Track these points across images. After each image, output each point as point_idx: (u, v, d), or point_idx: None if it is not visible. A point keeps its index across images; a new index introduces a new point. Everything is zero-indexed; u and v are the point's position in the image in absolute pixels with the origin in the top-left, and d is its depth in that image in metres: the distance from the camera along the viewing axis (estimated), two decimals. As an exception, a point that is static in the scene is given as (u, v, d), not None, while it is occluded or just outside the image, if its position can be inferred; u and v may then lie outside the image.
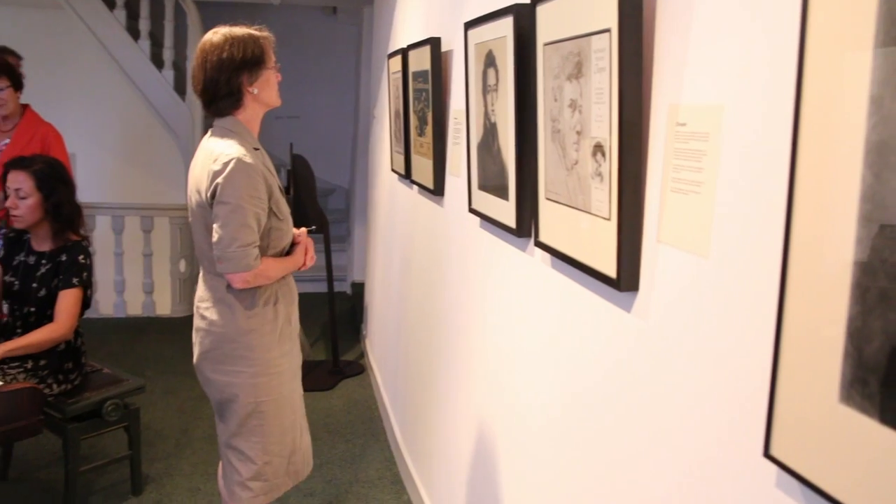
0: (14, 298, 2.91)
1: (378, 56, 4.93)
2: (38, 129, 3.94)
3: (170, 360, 4.83)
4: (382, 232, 4.43)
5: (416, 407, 3.12)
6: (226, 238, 1.99)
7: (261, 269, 2.05)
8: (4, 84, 3.81)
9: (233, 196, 1.98)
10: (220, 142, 2.07)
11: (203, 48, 2.08)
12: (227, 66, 2.04)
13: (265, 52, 2.10)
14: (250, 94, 2.09)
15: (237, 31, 2.09)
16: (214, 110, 2.12)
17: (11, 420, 2.28)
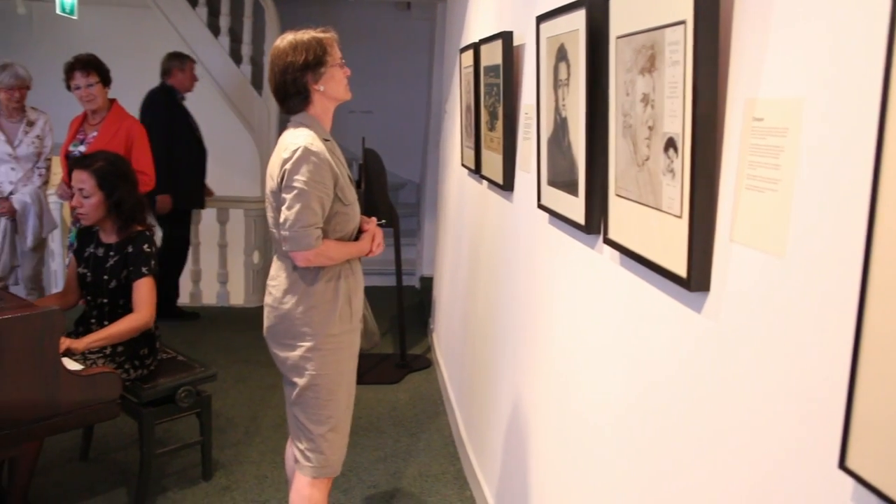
0: (88, 289, 3.03)
1: (450, 51, 4.93)
2: (123, 122, 4.09)
3: (242, 350, 4.94)
4: (452, 227, 4.43)
5: (480, 403, 3.11)
6: (290, 219, 2.16)
7: (321, 249, 2.19)
8: (94, 80, 3.96)
9: (298, 181, 2.15)
10: (292, 133, 2.25)
11: (273, 54, 2.28)
12: (292, 69, 2.23)
13: (327, 52, 2.26)
14: (317, 91, 2.26)
15: (301, 36, 2.26)
16: (287, 108, 2.31)
17: (91, 402, 2.37)
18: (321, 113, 2.30)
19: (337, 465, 2.40)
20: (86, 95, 3.98)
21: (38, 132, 4.41)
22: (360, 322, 2.41)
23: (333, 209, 2.24)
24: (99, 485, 3.20)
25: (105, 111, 4.08)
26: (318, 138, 2.22)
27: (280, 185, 2.19)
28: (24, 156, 4.36)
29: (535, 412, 2.29)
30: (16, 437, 2.20)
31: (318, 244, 2.18)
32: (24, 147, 4.34)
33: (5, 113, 4.36)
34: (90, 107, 4.05)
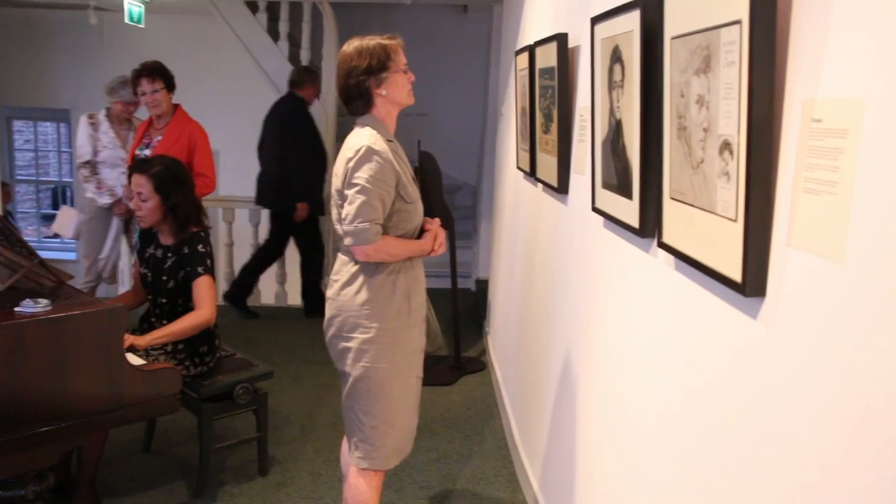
0: (149, 289, 3.13)
1: (506, 53, 4.92)
2: (186, 127, 4.19)
3: (299, 349, 5.02)
4: (507, 229, 4.43)
5: (533, 405, 3.10)
6: (351, 214, 2.24)
7: (381, 245, 2.27)
8: (159, 86, 4.08)
9: (360, 178, 2.23)
10: (357, 134, 2.35)
11: (339, 58, 2.37)
12: (355, 73, 2.32)
13: (391, 58, 2.33)
14: (379, 95, 2.35)
15: (366, 42, 2.34)
16: (351, 110, 2.41)
17: (152, 397, 2.44)
18: (384, 115, 2.38)
19: (387, 458, 2.44)
20: (151, 101, 4.10)
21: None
22: (421, 321, 2.46)
23: (395, 207, 2.32)
24: (160, 476, 3.29)
25: (169, 116, 4.19)
26: (382, 139, 2.31)
27: (344, 183, 2.29)
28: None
29: (588, 415, 2.27)
30: (83, 428, 2.28)
31: (376, 239, 2.25)
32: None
33: (116, 122, 4.69)
34: (155, 112, 4.16)
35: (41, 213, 10.42)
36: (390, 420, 2.40)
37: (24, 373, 2.11)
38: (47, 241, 10.09)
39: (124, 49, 7.65)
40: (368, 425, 2.38)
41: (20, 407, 2.12)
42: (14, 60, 7.72)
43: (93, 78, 8.03)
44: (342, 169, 2.31)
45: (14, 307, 2.21)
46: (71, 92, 8.13)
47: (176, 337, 2.94)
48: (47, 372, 2.16)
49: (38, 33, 7.94)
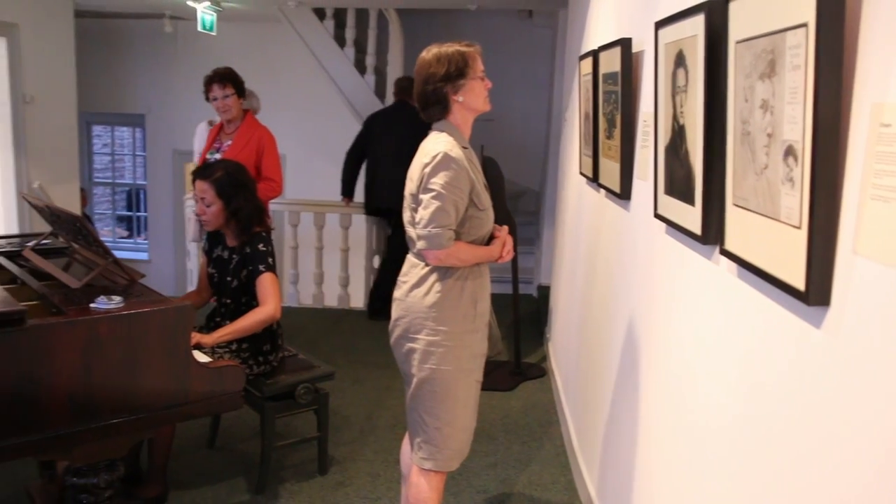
0: (215, 288, 3.23)
1: (571, 59, 4.90)
2: (255, 132, 4.29)
3: (360, 351, 5.08)
4: (569, 235, 4.40)
5: (593, 413, 3.07)
6: (425, 219, 2.29)
7: (452, 251, 2.30)
8: (230, 91, 4.18)
9: (436, 184, 2.27)
10: (433, 140, 2.39)
11: (418, 64, 2.40)
12: (433, 80, 2.35)
13: (469, 65, 2.36)
14: (456, 102, 2.38)
15: (445, 49, 2.37)
16: (427, 115, 2.44)
17: (217, 394, 2.51)
18: (460, 122, 2.41)
19: (450, 460, 2.46)
20: (222, 106, 4.20)
21: None
22: (484, 326, 2.48)
23: (468, 213, 2.35)
24: (224, 471, 3.38)
25: (239, 121, 4.29)
26: (458, 146, 2.34)
27: (419, 187, 2.32)
28: None
29: (648, 423, 2.24)
30: (151, 421, 2.37)
31: (449, 244, 2.29)
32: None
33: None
34: (226, 117, 4.27)
35: (116, 215, 10.81)
36: (453, 422, 2.42)
37: (97, 366, 2.20)
38: (122, 241, 10.47)
39: (197, 56, 7.91)
40: (432, 426, 2.41)
41: (93, 398, 2.21)
42: (94, 68, 8.05)
43: (167, 84, 8.33)
44: (417, 174, 2.34)
45: (89, 303, 2.30)
46: (146, 97, 8.43)
47: (241, 333, 3.01)
48: (119, 366, 2.25)
49: (116, 42, 8.26)
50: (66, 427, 2.17)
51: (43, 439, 2.14)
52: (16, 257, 2.99)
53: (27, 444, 2.12)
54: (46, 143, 6.22)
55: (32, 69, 5.99)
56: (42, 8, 6.12)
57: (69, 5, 6.48)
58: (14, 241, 3.28)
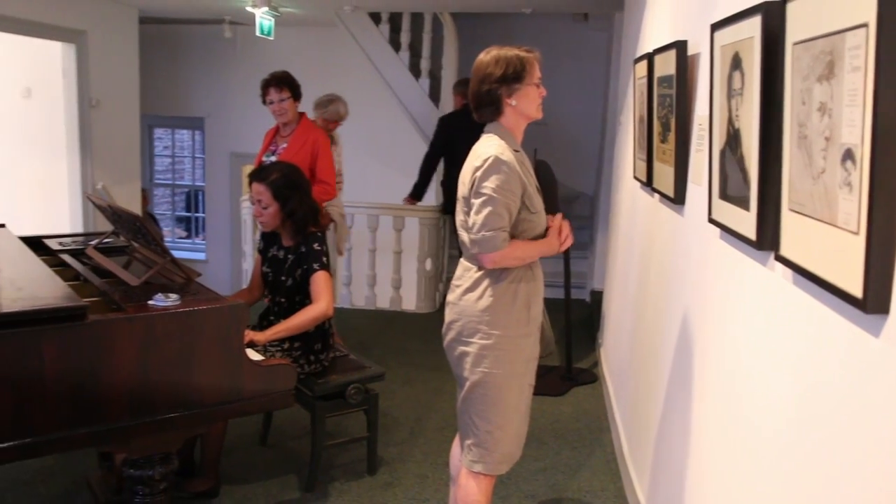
0: (269, 287, 3.28)
1: (626, 62, 4.85)
2: (310, 135, 4.35)
3: (411, 353, 5.11)
4: (623, 240, 4.35)
5: (645, 421, 3.03)
6: (478, 223, 2.29)
7: (508, 251, 2.30)
8: (286, 95, 4.25)
9: (487, 188, 2.27)
10: (484, 143, 2.39)
11: (475, 64, 2.40)
12: (489, 80, 2.35)
13: (526, 70, 2.36)
14: (509, 105, 2.37)
15: (504, 51, 2.37)
16: (480, 116, 2.44)
17: (269, 391, 2.55)
18: (513, 125, 2.41)
19: (500, 463, 2.46)
20: (278, 110, 4.26)
21: (340, 150, 4.95)
22: (537, 330, 2.49)
23: (520, 216, 2.35)
24: (275, 468, 3.43)
25: (295, 124, 4.36)
26: (509, 149, 2.33)
27: (470, 191, 2.33)
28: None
29: (701, 432, 2.20)
30: (204, 416, 2.42)
31: (503, 246, 2.29)
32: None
33: None
34: (282, 120, 4.34)
35: (175, 216, 11.08)
36: (505, 426, 2.42)
37: (154, 361, 2.26)
38: (180, 241, 10.72)
39: (255, 60, 8.06)
40: (483, 430, 2.42)
41: (150, 393, 2.27)
42: (156, 73, 8.27)
43: (226, 88, 8.52)
44: (469, 177, 2.35)
45: (147, 300, 2.37)
46: (205, 101, 8.63)
47: (294, 331, 3.06)
48: (174, 362, 2.30)
49: (177, 47, 8.48)
50: (123, 420, 2.23)
51: (102, 431, 2.20)
52: (80, 255, 3.09)
53: (88, 434, 2.19)
54: (110, 146, 6.43)
55: (99, 74, 6.19)
56: (109, 15, 6.33)
57: (134, 13, 6.69)
58: (79, 240, 3.39)
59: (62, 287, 2.38)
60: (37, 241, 3.25)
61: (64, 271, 2.89)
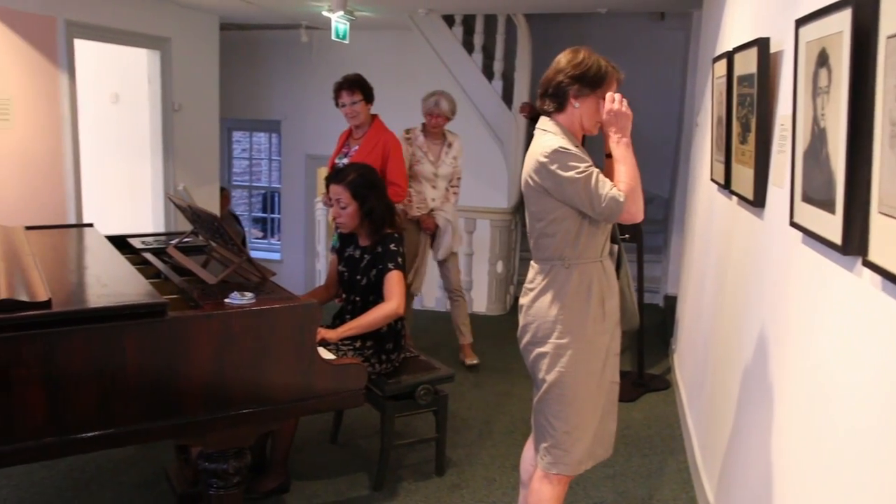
0: (344, 286, 3.33)
1: (704, 61, 4.73)
2: (381, 137, 4.38)
3: (481, 355, 5.09)
4: (698, 244, 4.25)
5: (720, 430, 2.94)
6: (593, 202, 2.25)
7: (629, 201, 2.27)
8: (358, 98, 4.29)
9: (570, 173, 2.24)
10: (542, 138, 2.36)
11: (560, 56, 2.38)
12: (564, 73, 2.32)
13: (604, 81, 2.33)
14: (572, 105, 2.34)
15: (593, 57, 2.35)
16: (541, 104, 2.41)
17: (340, 390, 2.58)
18: (570, 125, 2.38)
19: (578, 464, 2.44)
20: (350, 112, 4.29)
21: (455, 153, 4.83)
22: (615, 325, 2.46)
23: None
24: (344, 466, 3.47)
25: (367, 126, 4.40)
26: (569, 142, 2.31)
27: (539, 187, 2.31)
28: (444, 175, 4.82)
29: (780, 443, 2.12)
30: (276, 413, 2.46)
31: (623, 200, 2.25)
32: (444, 167, 4.79)
33: (431, 136, 4.80)
34: (354, 122, 4.38)
35: (252, 216, 11.35)
36: (582, 426, 2.40)
37: (229, 358, 2.31)
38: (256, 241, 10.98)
39: (330, 64, 8.19)
40: (561, 430, 2.39)
41: (224, 389, 2.32)
42: (235, 77, 8.50)
43: (302, 91, 8.68)
44: (536, 176, 2.32)
45: (224, 298, 2.42)
46: (282, 104, 8.81)
47: (365, 329, 3.10)
48: (248, 359, 2.35)
49: (255, 52, 8.69)
50: (199, 414, 2.29)
51: (179, 424, 2.27)
52: (161, 254, 3.20)
53: (166, 427, 2.25)
54: (191, 148, 6.63)
55: (181, 80, 6.40)
56: (192, 23, 6.53)
57: (216, 20, 6.89)
58: (160, 239, 3.50)
59: (144, 284, 2.46)
60: (121, 239, 3.38)
61: (146, 269, 2.99)
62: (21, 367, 2.01)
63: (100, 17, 5.48)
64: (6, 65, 4.75)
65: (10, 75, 4.79)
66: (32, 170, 5.01)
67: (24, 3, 4.83)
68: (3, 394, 1.99)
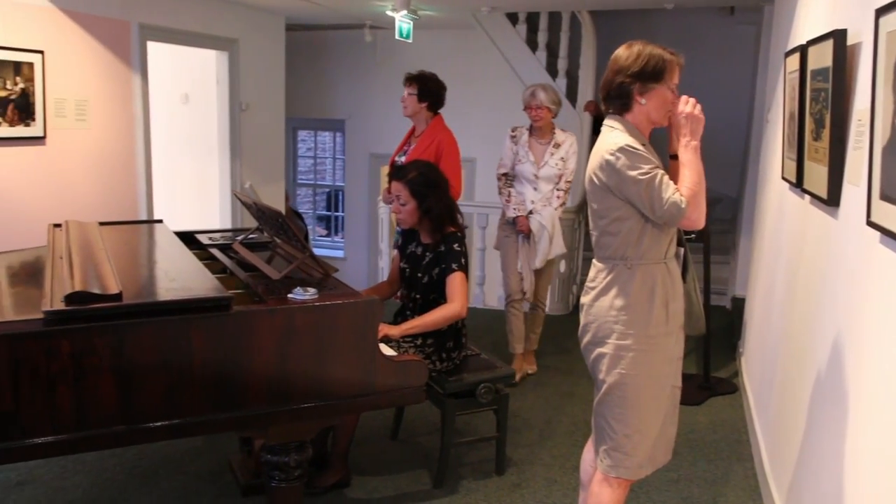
0: (405, 283, 3.34)
1: (775, 56, 4.59)
2: (437, 136, 4.32)
3: (543, 355, 5.05)
4: (768, 245, 4.13)
5: (790, 437, 2.84)
6: (655, 205, 2.21)
7: (691, 207, 2.21)
8: (413, 90, 4.25)
9: (634, 175, 2.20)
10: (609, 135, 2.31)
11: (615, 55, 2.34)
12: (624, 72, 2.28)
13: (666, 71, 2.28)
14: (638, 103, 2.30)
15: (648, 48, 2.29)
16: (606, 107, 2.38)
17: (400, 386, 2.59)
18: (638, 123, 2.34)
19: (639, 468, 2.39)
20: (403, 102, 4.30)
21: (563, 154, 4.48)
22: (678, 328, 2.40)
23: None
24: (404, 463, 3.49)
25: (425, 124, 4.38)
26: (636, 141, 2.27)
27: (603, 185, 2.27)
28: (546, 177, 4.49)
29: (859, 456, 2.03)
30: (337, 408, 2.49)
31: (685, 205, 2.20)
32: (546, 169, 4.46)
33: (537, 133, 4.51)
34: (405, 114, 4.35)
35: (316, 215, 11.52)
36: (644, 430, 2.35)
37: (291, 352, 2.34)
38: (320, 239, 11.14)
39: (394, 63, 8.26)
40: (621, 433, 2.35)
41: (287, 382, 2.35)
42: (301, 78, 8.64)
43: (365, 90, 8.77)
44: (598, 172, 2.28)
45: (287, 294, 2.46)
46: (346, 104, 8.91)
47: (427, 328, 3.11)
48: (311, 353, 2.38)
49: (320, 52, 8.81)
50: (262, 407, 2.33)
51: (242, 416, 2.31)
52: (227, 250, 3.26)
53: (230, 419, 2.30)
54: (257, 147, 6.77)
55: (248, 80, 6.54)
56: (259, 24, 6.67)
57: (281, 21, 7.01)
58: (227, 235, 3.58)
59: (210, 279, 2.51)
60: (189, 235, 3.46)
61: (212, 264, 3.06)
62: (93, 357, 2.08)
63: (171, 20, 5.64)
64: (84, 68, 4.93)
65: (88, 78, 4.97)
66: (107, 168, 5.19)
67: (100, 9, 5.01)
68: (76, 382, 2.07)
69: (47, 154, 4.72)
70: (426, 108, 4.36)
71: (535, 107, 4.42)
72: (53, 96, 4.70)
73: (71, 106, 4.85)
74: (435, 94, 4.36)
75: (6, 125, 4.38)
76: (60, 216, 4.14)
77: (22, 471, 3.26)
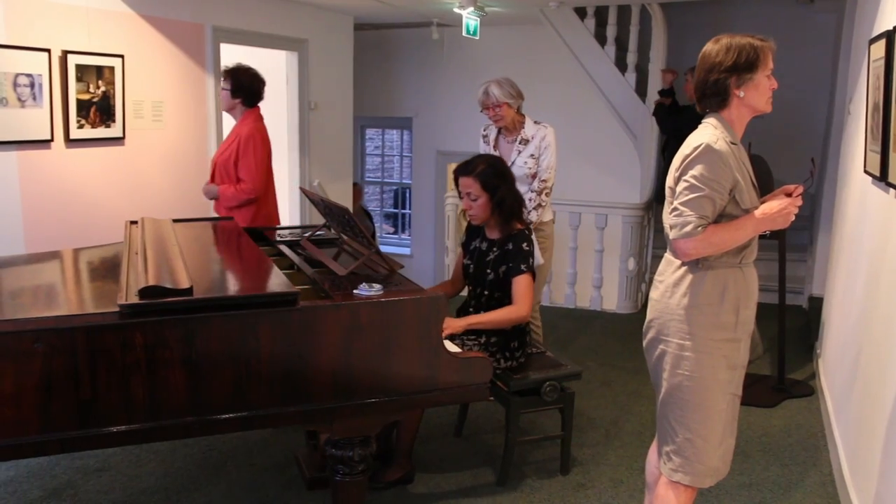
0: (469, 279, 3.33)
1: (858, 44, 4.40)
2: (240, 131, 4.22)
3: (610, 354, 4.98)
4: (848, 242, 3.96)
5: (871, 442, 2.72)
6: (678, 209, 2.18)
7: (704, 236, 2.14)
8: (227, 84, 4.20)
9: (693, 175, 2.16)
10: (699, 131, 2.25)
11: (703, 53, 2.28)
12: (717, 69, 2.21)
13: (759, 59, 2.21)
14: (736, 96, 2.23)
15: (737, 39, 2.23)
16: (703, 106, 2.31)
17: (464, 383, 2.58)
18: (735, 118, 2.26)
19: (703, 476, 2.32)
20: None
21: (532, 151, 3.94)
22: (747, 336, 2.32)
23: (726, 210, 2.20)
24: (468, 460, 3.48)
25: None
26: (725, 140, 2.19)
27: (676, 179, 2.22)
28: (517, 178, 3.58)
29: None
30: (401, 404, 2.49)
31: (696, 233, 2.14)
32: (515, 169, 3.82)
33: (504, 131, 4.05)
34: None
35: (384, 212, 11.62)
36: (707, 435, 2.28)
37: (356, 347, 2.36)
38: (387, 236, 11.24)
39: (461, 61, 8.25)
40: (683, 437, 2.29)
41: (351, 377, 2.37)
42: (368, 76, 8.72)
43: (432, 88, 8.80)
44: (678, 164, 2.23)
45: (353, 290, 2.48)
46: (413, 102, 8.95)
47: (490, 326, 3.10)
48: (376, 349, 2.39)
49: (388, 51, 8.88)
50: (327, 401, 2.35)
51: (308, 410, 2.33)
52: (295, 246, 3.31)
53: (296, 413, 2.33)
54: (326, 146, 6.87)
55: (317, 79, 6.63)
56: (328, 24, 6.76)
57: (350, 20, 7.09)
58: (295, 232, 3.64)
59: (278, 275, 2.55)
60: (259, 232, 3.53)
61: (280, 260, 3.11)
62: (165, 349, 2.13)
63: (243, 22, 5.76)
64: (161, 70, 5.08)
65: (164, 80, 5.12)
66: (181, 167, 5.34)
67: (176, 12, 5.15)
68: (148, 374, 2.12)
69: (126, 154, 4.88)
70: (241, 104, 4.23)
71: (491, 106, 3.87)
72: (132, 98, 4.85)
73: (148, 107, 5.01)
74: (248, 89, 4.23)
75: (89, 127, 4.55)
76: (137, 213, 4.29)
77: (100, 457, 3.38)
